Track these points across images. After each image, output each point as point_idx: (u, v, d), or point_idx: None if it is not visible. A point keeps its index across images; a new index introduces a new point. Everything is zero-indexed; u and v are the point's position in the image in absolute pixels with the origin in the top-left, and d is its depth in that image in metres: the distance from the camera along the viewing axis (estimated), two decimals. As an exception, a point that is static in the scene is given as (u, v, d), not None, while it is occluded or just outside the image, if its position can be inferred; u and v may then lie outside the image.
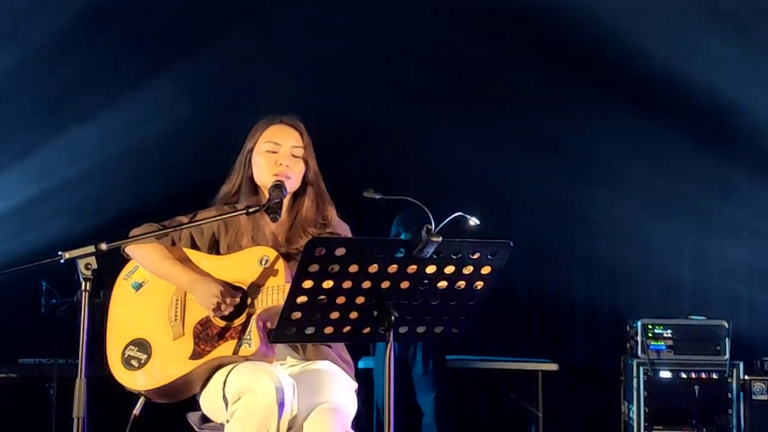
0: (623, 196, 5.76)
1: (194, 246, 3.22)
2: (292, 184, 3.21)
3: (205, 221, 3.14)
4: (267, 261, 3.06)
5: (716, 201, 5.75)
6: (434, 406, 5.11)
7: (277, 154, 3.19)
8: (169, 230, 3.13)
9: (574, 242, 5.72)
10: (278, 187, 3.13)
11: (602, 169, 5.74)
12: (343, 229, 3.30)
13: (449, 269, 2.63)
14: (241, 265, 3.10)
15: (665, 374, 5.07)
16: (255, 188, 3.24)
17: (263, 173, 3.19)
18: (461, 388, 5.52)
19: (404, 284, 2.63)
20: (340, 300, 2.62)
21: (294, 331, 2.66)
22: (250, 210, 3.04)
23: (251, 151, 3.24)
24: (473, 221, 2.87)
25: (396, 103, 5.82)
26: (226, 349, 3.02)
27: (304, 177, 3.24)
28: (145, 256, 3.18)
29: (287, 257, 3.07)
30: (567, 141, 5.76)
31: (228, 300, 3.00)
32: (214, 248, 3.23)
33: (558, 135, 5.78)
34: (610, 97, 5.70)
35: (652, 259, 5.73)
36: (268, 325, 3.02)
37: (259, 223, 3.21)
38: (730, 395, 5.01)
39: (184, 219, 3.19)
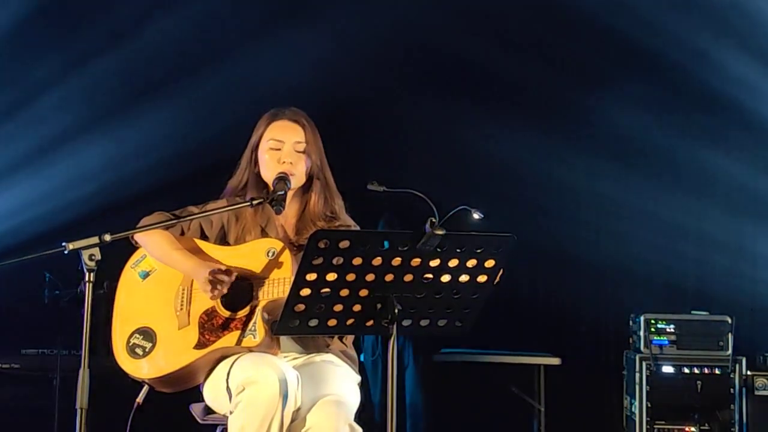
0: (626, 192, 5.75)
1: (204, 237, 3.24)
2: (297, 180, 3.22)
3: (215, 211, 3.15)
4: (274, 253, 3.07)
5: (719, 196, 5.74)
6: (423, 402, 5.11)
7: (281, 151, 3.21)
8: (179, 220, 3.14)
9: (578, 237, 5.71)
10: (282, 179, 3.15)
11: (606, 165, 5.72)
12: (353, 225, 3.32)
13: (453, 262, 2.63)
14: (248, 256, 3.11)
15: (668, 369, 5.06)
16: (262, 183, 3.25)
17: (268, 170, 3.21)
18: (462, 381, 5.52)
19: (408, 277, 2.63)
20: (344, 293, 2.63)
21: (297, 323, 2.66)
22: (254, 202, 3.05)
23: (256, 147, 3.26)
24: (477, 214, 2.87)
25: (402, 94, 5.81)
26: (230, 339, 3.03)
27: (310, 171, 3.25)
28: (153, 244, 3.20)
29: (299, 249, 3.07)
30: (572, 137, 5.75)
31: (222, 278, 3.01)
32: (222, 239, 3.25)
33: (563, 131, 5.76)
34: (618, 92, 5.69)
35: (655, 254, 5.71)
36: (272, 317, 3.03)
37: (270, 216, 3.23)
38: (732, 390, 5.00)
39: (195, 209, 3.21)
